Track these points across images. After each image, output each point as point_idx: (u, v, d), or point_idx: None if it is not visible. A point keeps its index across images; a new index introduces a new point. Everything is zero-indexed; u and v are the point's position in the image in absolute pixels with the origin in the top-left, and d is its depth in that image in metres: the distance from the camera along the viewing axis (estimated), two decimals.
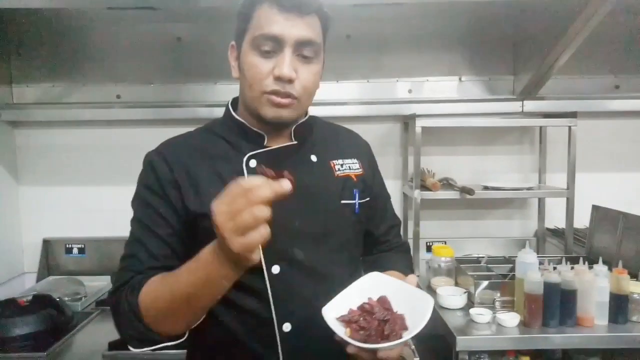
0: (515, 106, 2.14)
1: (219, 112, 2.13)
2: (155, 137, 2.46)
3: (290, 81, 0.89)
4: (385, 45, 2.15)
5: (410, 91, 2.20)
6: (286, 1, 0.87)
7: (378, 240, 1.13)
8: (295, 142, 1.00)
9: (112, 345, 1.51)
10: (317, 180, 0.98)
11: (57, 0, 1.53)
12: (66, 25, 2.08)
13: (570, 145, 1.96)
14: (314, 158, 1.00)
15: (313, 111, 1.13)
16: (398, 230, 1.18)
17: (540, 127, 2.20)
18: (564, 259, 1.63)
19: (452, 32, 2.15)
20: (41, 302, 1.69)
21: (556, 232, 2.16)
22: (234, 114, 1.01)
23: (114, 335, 1.57)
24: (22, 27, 2.08)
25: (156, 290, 0.83)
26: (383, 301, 0.86)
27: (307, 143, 1.01)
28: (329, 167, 1.01)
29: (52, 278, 2.11)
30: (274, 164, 0.91)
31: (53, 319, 1.63)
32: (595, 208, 1.93)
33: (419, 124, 1.91)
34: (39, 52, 2.12)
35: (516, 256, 1.60)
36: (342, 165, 1.03)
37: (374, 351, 0.78)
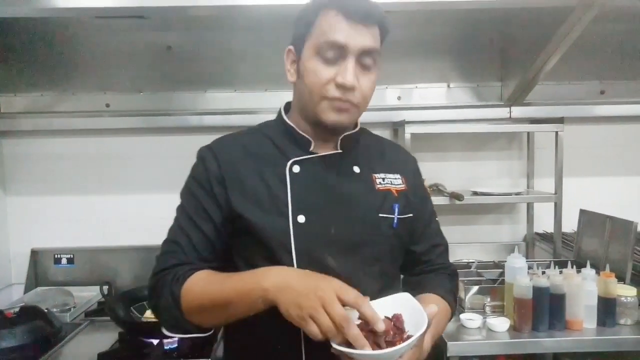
0: (503, 112, 2.17)
1: (210, 120, 2.16)
2: (145, 146, 2.46)
3: (351, 89, 0.91)
4: None
5: (399, 98, 2.22)
6: (353, 11, 0.89)
7: (419, 259, 1.10)
8: (340, 151, 1.01)
9: (102, 357, 1.49)
10: (357, 191, 1.00)
11: (45, 9, 1.53)
12: (55, 34, 2.07)
13: (558, 151, 1.99)
14: (356, 169, 1.02)
15: None
16: (442, 251, 1.13)
17: (528, 133, 2.23)
18: (552, 263, 1.65)
19: (440, 39, 2.17)
20: (29, 313, 1.66)
21: (545, 237, 2.18)
22: (285, 117, 1.04)
23: (104, 346, 1.56)
24: (10, 36, 2.07)
25: (201, 287, 0.89)
26: (397, 319, 0.83)
27: (352, 154, 1.03)
28: (370, 179, 1.02)
29: (40, 289, 2.08)
30: (316, 171, 0.98)
31: (41, 331, 1.60)
32: (582, 212, 1.95)
33: (409, 130, 1.92)
34: (27, 61, 2.10)
35: (505, 261, 1.61)
36: (383, 179, 1.03)
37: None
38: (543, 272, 1.55)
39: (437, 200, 1.97)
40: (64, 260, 2.13)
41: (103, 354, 1.51)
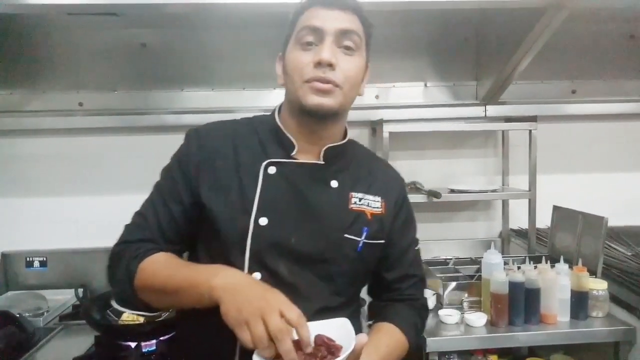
0: (479, 111, 2.20)
1: (186, 119, 2.13)
2: (120, 146, 2.41)
3: (330, 67, 0.90)
4: None
5: (377, 97, 2.23)
6: (330, 0, 0.92)
7: (389, 286, 1.07)
8: (322, 162, 0.99)
9: None
10: (329, 206, 0.96)
11: (15, 5, 1.48)
12: (25, 31, 2.01)
13: (531, 148, 2.03)
14: (334, 184, 0.98)
15: None
16: (415, 283, 1.10)
17: (503, 131, 2.27)
18: (527, 259, 1.69)
19: (417, 39, 2.20)
20: (0, 319, 1.62)
21: (520, 233, 2.22)
22: (276, 115, 1.02)
23: (79, 351, 1.53)
24: None
25: (156, 269, 0.90)
26: (328, 339, 0.81)
27: (334, 167, 1.00)
28: (346, 197, 0.99)
29: (12, 293, 2.02)
30: (291, 177, 0.95)
31: (13, 337, 1.56)
32: (555, 208, 1.99)
33: (387, 129, 1.94)
34: None
35: (482, 257, 1.64)
36: (360, 199, 1.00)
37: None
38: (518, 268, 1.58)
39: (414, 198, 1.99)
40: (36, 263, 2.08)
41: (79, 358, 1.47)
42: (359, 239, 0.97)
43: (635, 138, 2.33)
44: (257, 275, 0.91)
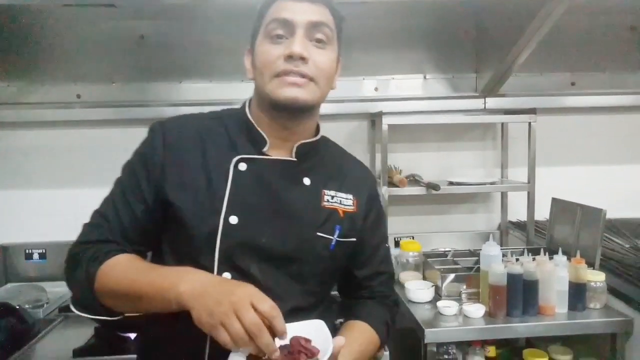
0: (478, 103, 2.20)
1: (185, 111, 2.10)
2: (118, 138, 2.40)
3: (303, 60, 0.87)
4: (350, 44, 2.12)
5: (376, 89, 2.22)
6: None
7: (360, 283, 1.06)
8: (294, 160, 0.96)
9: (77, 353, 1.47)
10: (301, 204, 0.94)
11: None
12: (22, 23, 2.00)
13: (530, 141, 2.03)
14: (306, 181, 0.96)
15: None
16: (386, 280, 1.09)
17: (502, 124, 2.27)
18: (525, 251, 1.69)
19: (416, 31, 2.19)
20: (0, 310, 1.62)
21: (518, 225, 2.23)
22: (247, 110, 0.98)
23: (79, 342, 1.54)
24: None
25: (119, 272, 0.85)
26: (305, 341, 0.80)
27: (306, 164, 0.97)
28: (318, 194, 0.96)
29: (11, 285, 2.02)
30: (263, 174, 0.93)
31: (13, 328, 1.56)
32: (554, 201, 2.00)
33: (386, 121, 1.93)
34: None
35: (481, 249, 1.64)
36: (332, 197, 0.98)
37: None
38: (517, 260, 1.59)
39: (414, 190, 1.99)
40: (35, 256, 2.08)
41: (78, 349, 1.48)
42: (331, 237, 0.96)
43: (635, 131, 2.33)
44: (227, 275, 0.88)
